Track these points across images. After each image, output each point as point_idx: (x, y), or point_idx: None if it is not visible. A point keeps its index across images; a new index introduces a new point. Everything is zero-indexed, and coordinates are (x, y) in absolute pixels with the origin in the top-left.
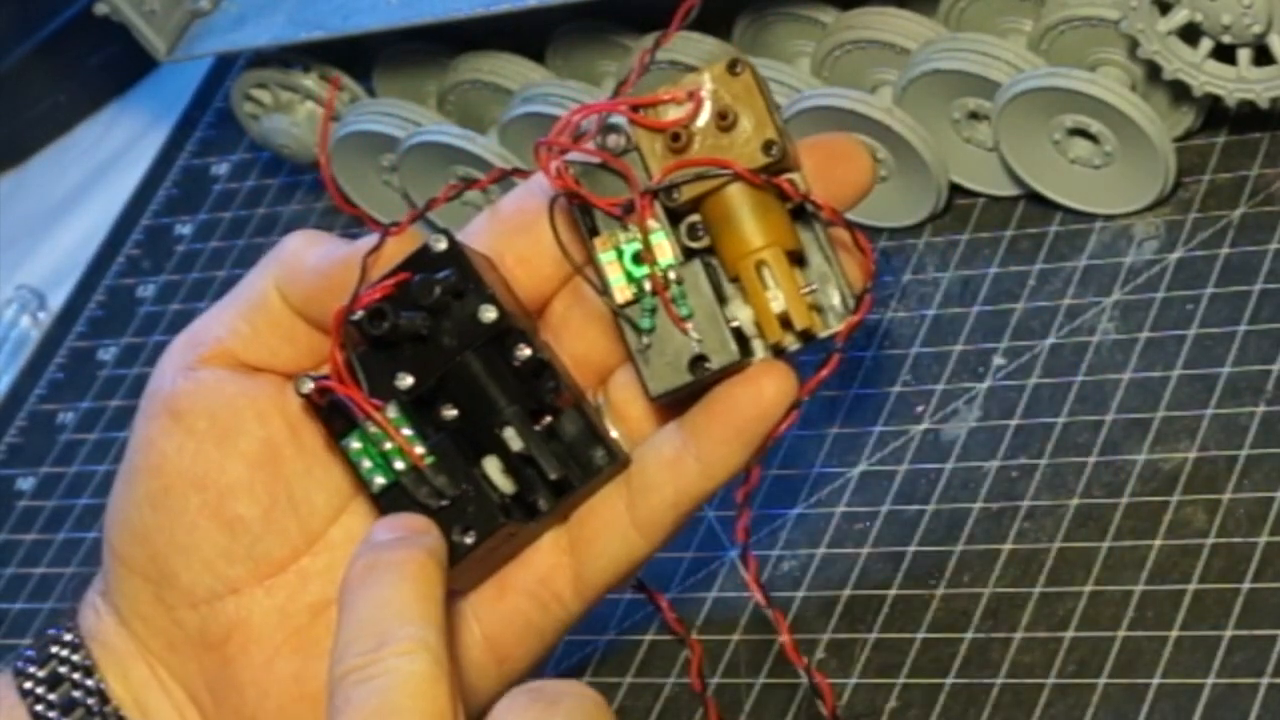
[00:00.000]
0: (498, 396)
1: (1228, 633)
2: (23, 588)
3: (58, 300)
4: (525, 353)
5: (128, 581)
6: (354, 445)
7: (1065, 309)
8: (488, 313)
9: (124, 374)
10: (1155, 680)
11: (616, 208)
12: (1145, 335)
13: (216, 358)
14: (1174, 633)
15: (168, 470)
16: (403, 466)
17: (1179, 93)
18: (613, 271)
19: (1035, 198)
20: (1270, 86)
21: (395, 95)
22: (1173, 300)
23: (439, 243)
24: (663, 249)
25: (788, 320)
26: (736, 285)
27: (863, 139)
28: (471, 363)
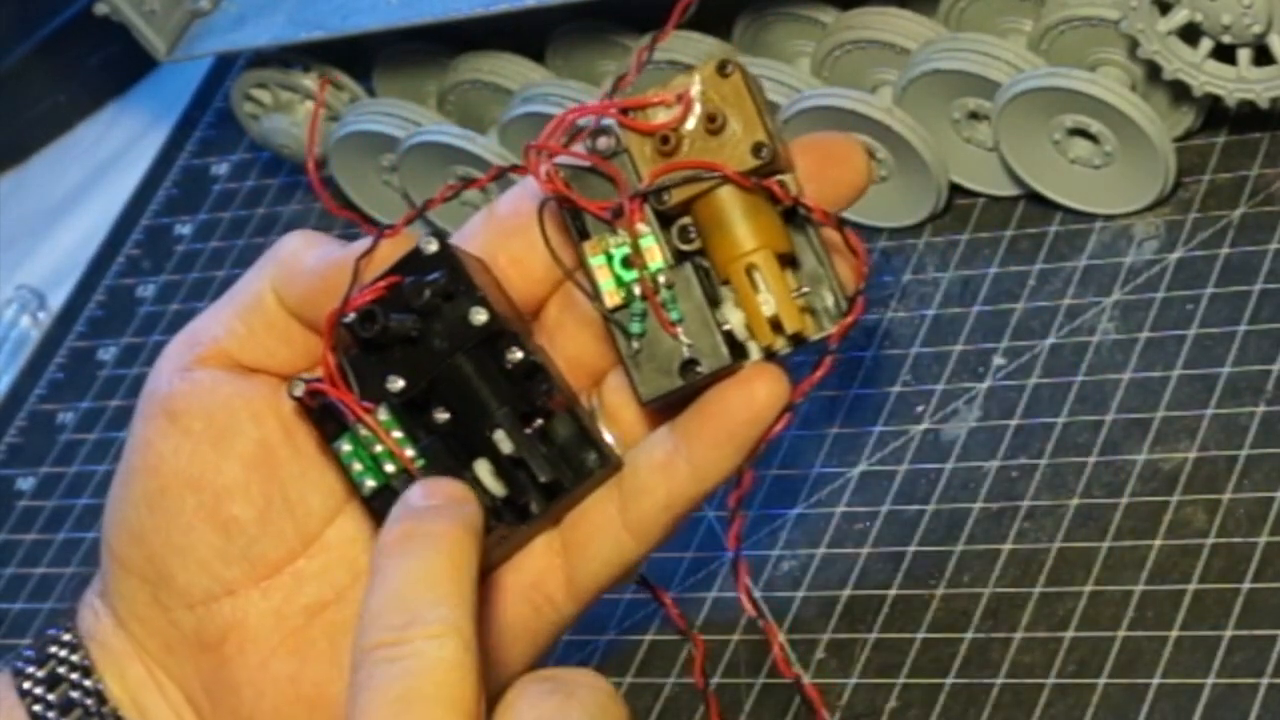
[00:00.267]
0: (489, 399)
1: (1228, 633)
2: (23, 588)
3: (58, 300)
4: (517, 355)
5: (125, 582)
6: (345, 448)
7: (1065, 309)
8: (478, 315)
9: (124, 374)
10: (1155, 680)
11: (606, 211)
12: (1145, 335)
13: (213, 358)
14: (1174, 633)
15: (164, 471)
16: (393, 469)
17: (1179, 93)
18: (602, 276)
19: (1035, 198)
20: (1270, 86)
21: (395, 95)
22: (1173, 300)
23: (430, 245)
24: (652, 253)
25: (779, 323)
26: (729, 288)
27: (862, 139)
28: (463, 365)
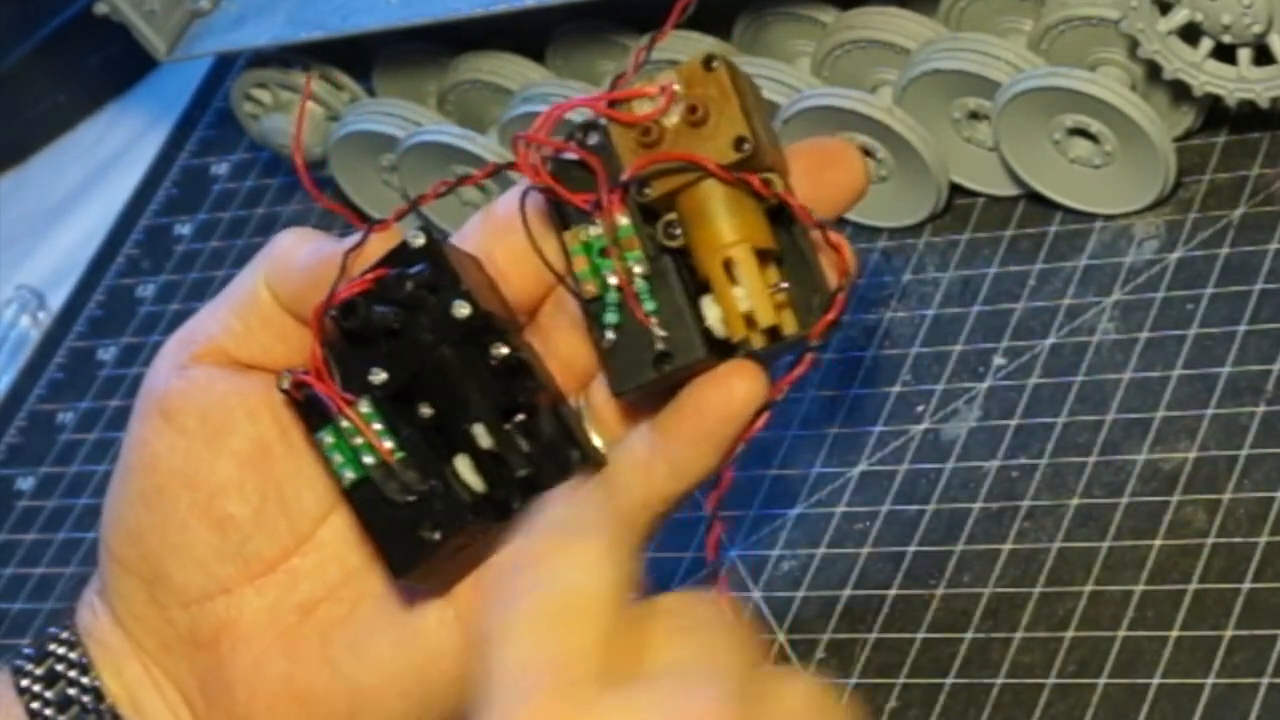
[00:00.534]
0: (471, 393)
1: (1228, 633)
2: (22, 588)
3: (58, 300)
4: (502, 351)
5: (122, 580)
6: (327, 440)
7: (1065, 309)
8: (461, 309)
9: (124, 374)
10: (1155, 680)
11: (589, 203)
12: (1145, 335)
13: (209, 355)
14: (1174, 633)
15: (160, 469)
16: (372, 461)
17: (1179, 93)
18: (579, 265)
19: (1035, 198)
20: (1270, 86)
21: (395, 95)
22: (1173, 300)
23: (417, 239)
24: (630, 243)
25: (754, 319)
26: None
27: (862, 139)
28: (447, 359)
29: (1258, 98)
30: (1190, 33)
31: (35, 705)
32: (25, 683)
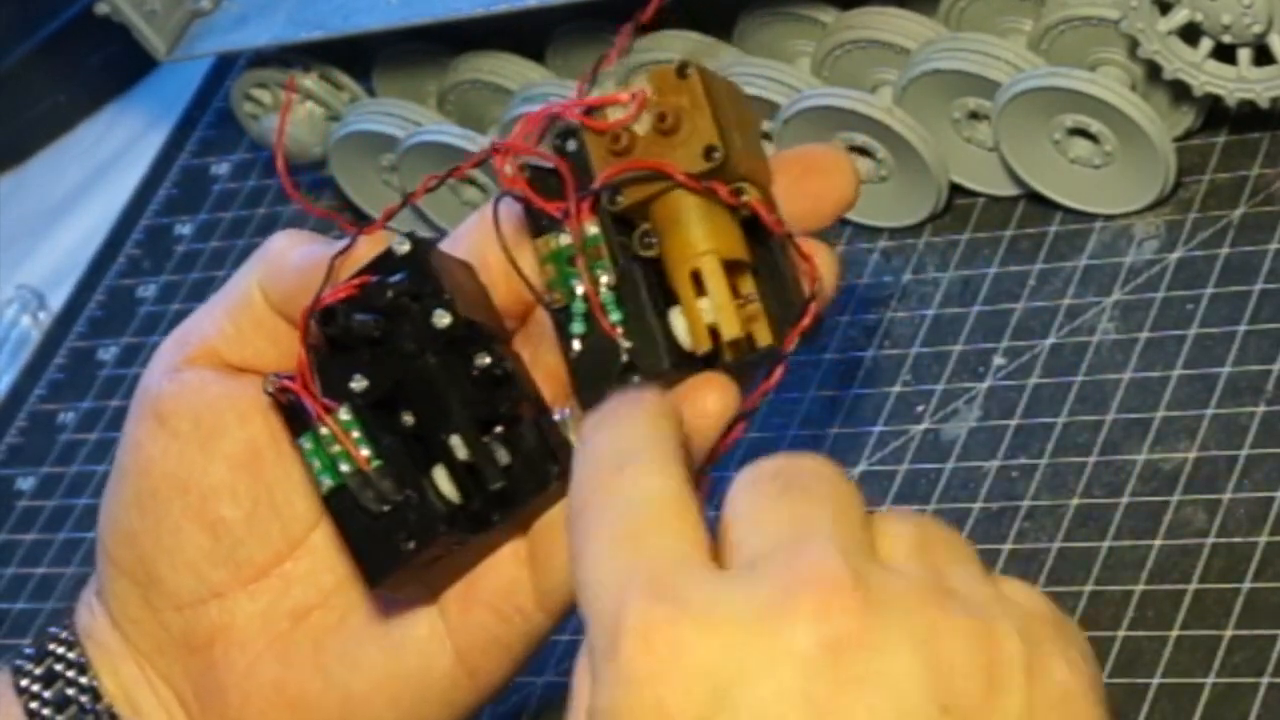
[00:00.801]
0: (450, 403)
1: (1228, 633)
2: (23, 588)
3: (58, 300)
4: (484, 361)
5: (118, 582)
6: (306, 446)
7: (1065, 309)
8: (442, 318)
9: (124, 374)
10: (1155, 680)
11: (560, 210)
12: (1145, 335)
13: (202, 358)
14: (1174, 633)
15: (153, 473)
16: (348, 469)
17: (1179, 93)
18: (548, 274)
19: (1035, 198)
20: (1270, 86)
21: (395, 95)
22: (1173, 300)
23: (402, 245)
24: (598, 252)
25: (718, 331)
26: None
27: (862, 139)
28: (428, 368)
29: (1258, 98)
30: (1190, 33)
31: (34, 705)
32: (24, 682)
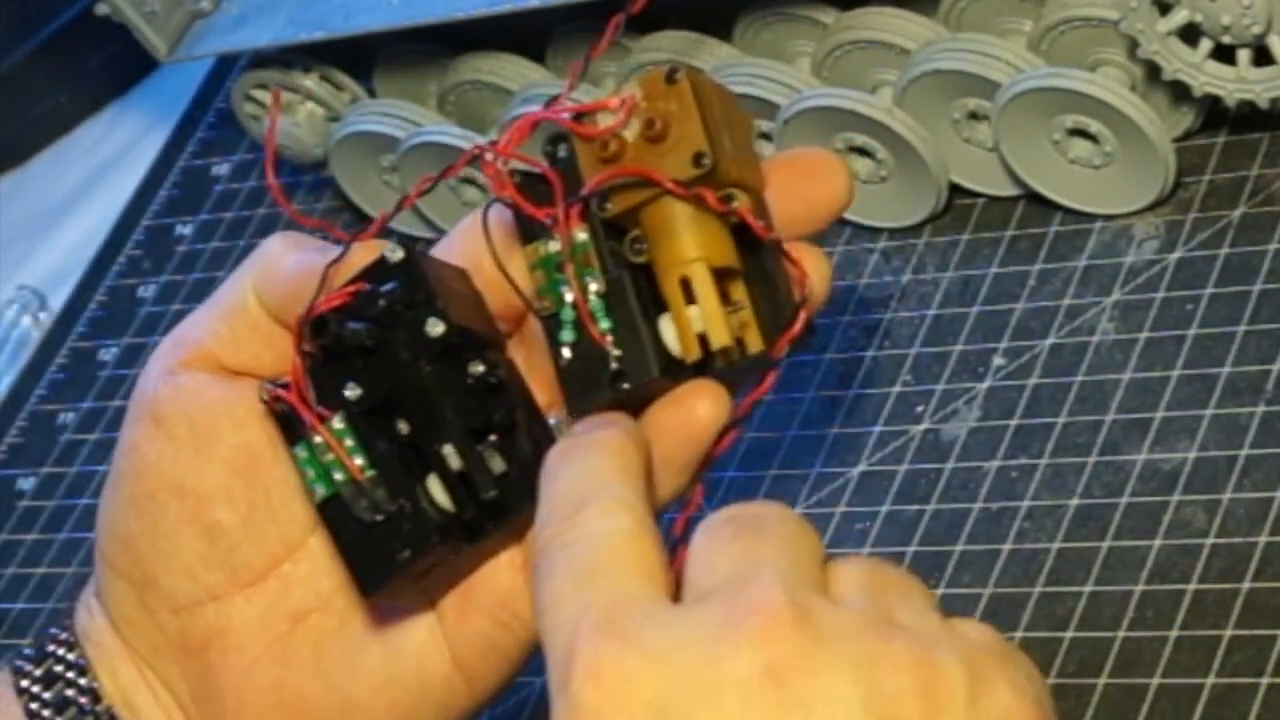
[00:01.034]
0: (444, 412)
1: (1228, 633)
2: (23, 588)
3: (59, 300)
4: (479, 369)
5: (115, 584)
6: (301, 455)
7: (1065, 309)
8: (435, 327)
9: (125, 374)
10: (1155, 680)
11: (550, 217)
12: (1145, 335)
13: (198, 361)
14: (1174, 633)
15: (149, 476)
16: (342, 478)
17: (1179, 93)
18: (538, 281)
19: (1035, 198)
20: (1270, 87)
21: (395, 95)
22: (1173, 300)
23: (395, 253)
24: (587, 259)
25: (707, 339)
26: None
27: (862, 139)
28: (422, 377)
29: (1257, 98)
30: (1190, 33)
31: (34, 706)
32: (24, 683)
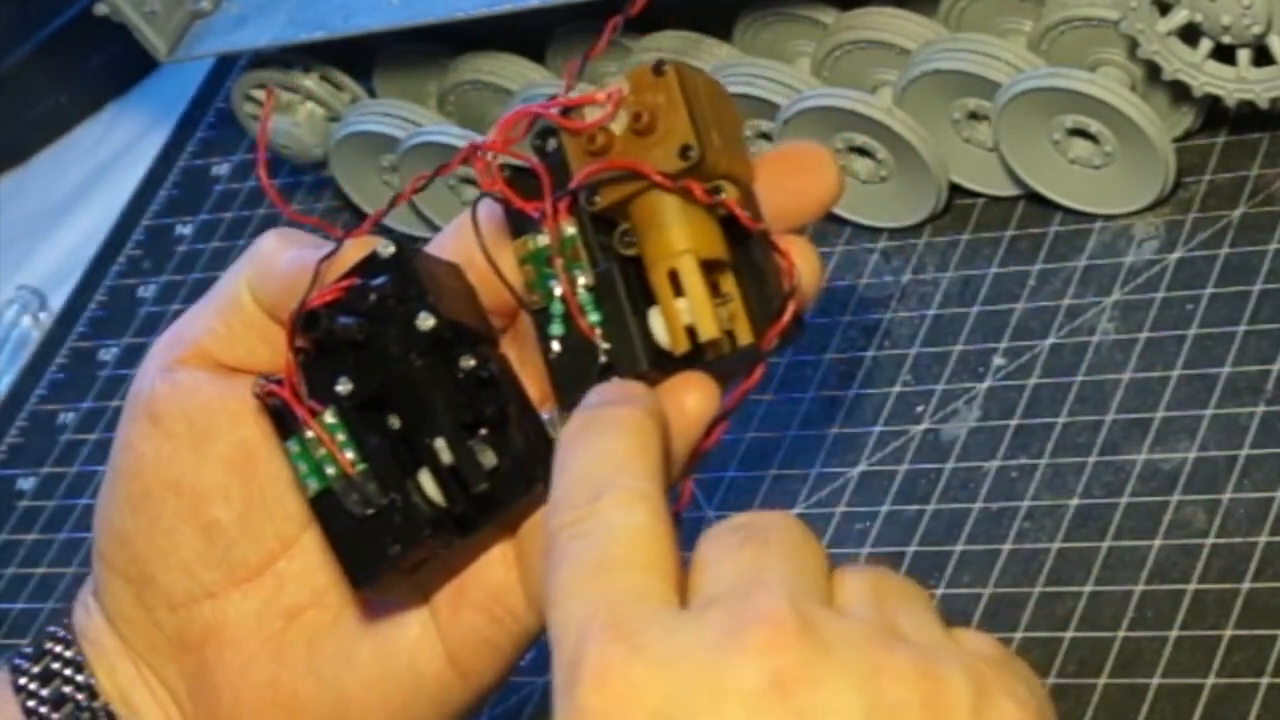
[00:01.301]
0: (435, 406)
1: (1228, 633)
2: (23, 588)
3: (59, 300)
4: (470, 363)
5: (112, 582)
6: (293, 449)
7: (1065, 309)
8: (425, 321)
9: (125, 374)
10: (1155, 680)
11: (539, 211)
12: (1145, 335)
13: (194, 359)
14: (1174, 633)
15: (146, 474)
16: (334, 473)
17: (1179, 93)
18: (527, 275)
19: (1035, 198)
20: (1270, 87)
21: (395, 95)
22: (1173, 300)
23: (387, 249)
24: (576, 253)
25: (695, 331)
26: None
27: (862, 139)
28: (413, 371)
29: (1257, 98)
30: (1190, 33)
31: (31, 704)
32: (22, 680)
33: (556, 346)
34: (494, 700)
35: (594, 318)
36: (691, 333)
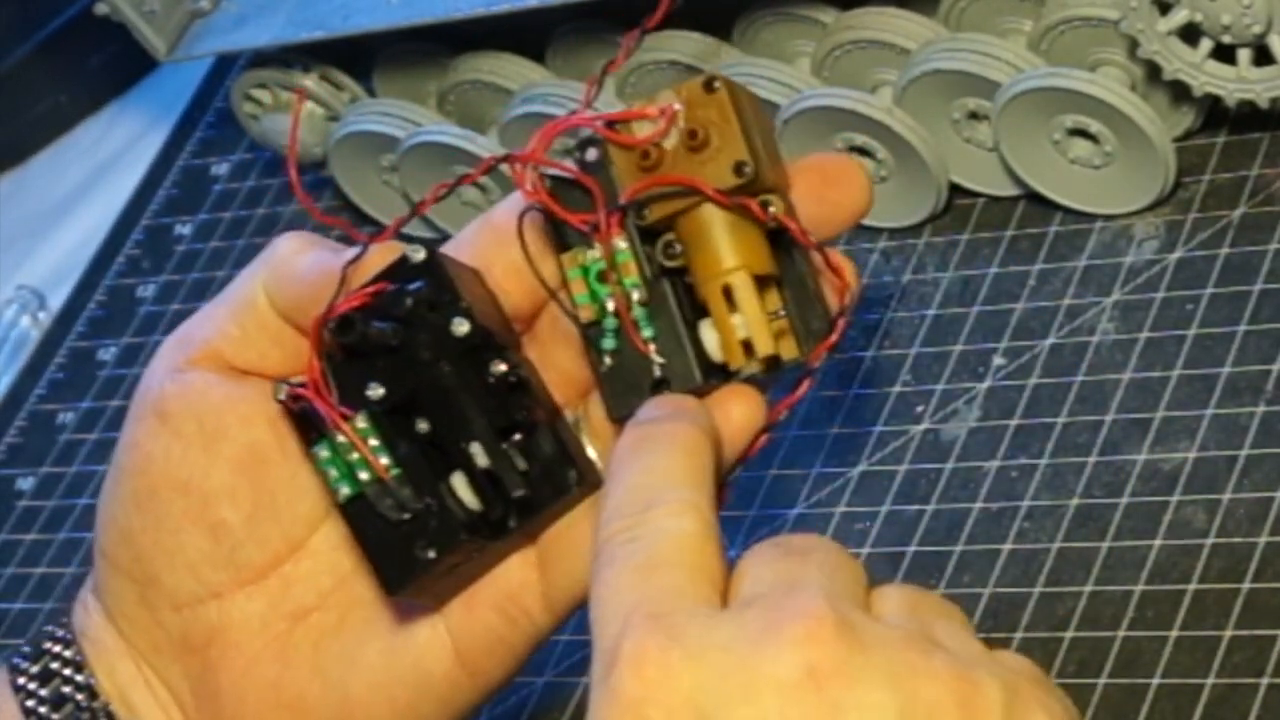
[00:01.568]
0: (468, 411)
1: (1228, 633)
2: (23, 588)
3: (58, 300)
4: (500, 368)
5: (114, 580)
6: (323, 454)
7: (1065, 309)
8: (460, 326)
9: (124, 374)
10: (1155, 680)
11: (586, 224)
12: (1145, 335)
13: (205, 360)
14: (1174, 633)
15: (153, 473)
16: (367, 477)
17: (1179, 93)
18: (577, 290)
19: (1035, 198)
20: (1270, 86)
21: (395, 95)
22: (1173, 300)
23: (417, 254)
24: (628, 268)
25: (751, 346)
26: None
27: (862, 139)
28: (444, 376)
29: (1257, 98)
30: (1190, 33)
31: (30, 703)
32: (21, 680)
33: (609, 360)
34: (494, 700)
35: (649, 333)
36: (746, 347)
